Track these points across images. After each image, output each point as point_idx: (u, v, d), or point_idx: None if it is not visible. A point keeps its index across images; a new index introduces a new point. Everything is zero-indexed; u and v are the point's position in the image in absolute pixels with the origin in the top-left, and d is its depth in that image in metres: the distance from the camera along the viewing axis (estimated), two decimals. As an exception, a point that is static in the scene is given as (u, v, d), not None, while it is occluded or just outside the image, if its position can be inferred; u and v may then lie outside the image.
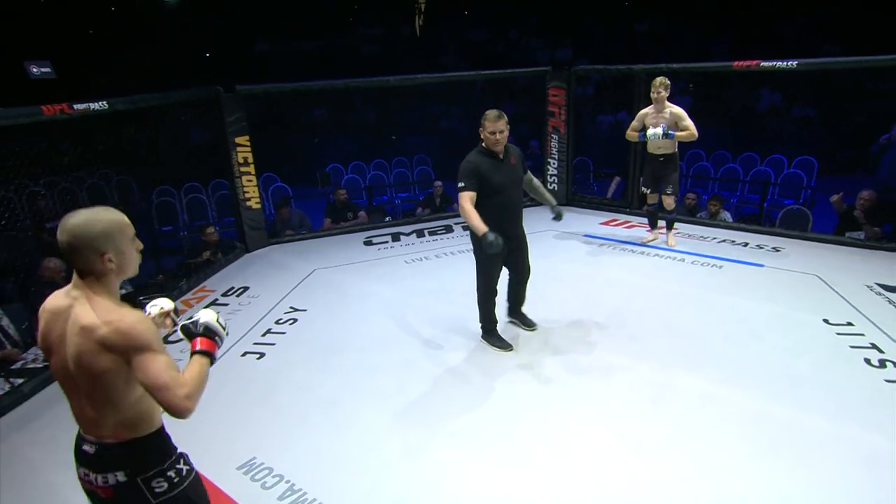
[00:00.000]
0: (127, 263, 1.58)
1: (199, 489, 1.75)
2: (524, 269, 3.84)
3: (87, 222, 1.50)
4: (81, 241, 1.48)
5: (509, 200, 3.52)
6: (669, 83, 5.04)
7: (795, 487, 2.50)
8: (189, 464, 1.71)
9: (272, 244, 6.24)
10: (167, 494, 1.62)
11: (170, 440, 1.70)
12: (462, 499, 2.53)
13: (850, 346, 3.62)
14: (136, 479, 1.58)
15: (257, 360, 3.84)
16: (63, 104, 3.66)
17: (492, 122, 3.37)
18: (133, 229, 1.62)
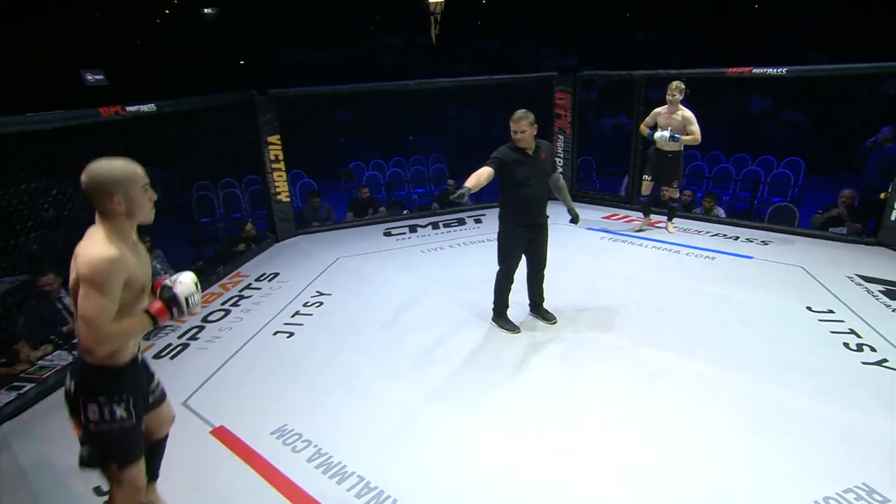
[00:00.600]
0: (136, 208, 1.65)
1: (126, 438, 1.74)
2: (541, 259, 3.79)
3: (103, 168, 1.60)
4: (96, 183, 1.59)
5: (533, 193, 3.51)
6: (684, 87, 5.04)
7: (777, 458, 2.51)
8: (129, 411, 1.72)
9: (300, 234, 6.30)
10: (95, 424, 1.68)
11: (123, 383, 1.71)
12: (474, 465, 2.58)
13: (831, 331, 3.60)
14: (80, 395, 1.68)
15: (287, 338, 3.91)
16: (117, 106, 3.74)
17: (515, 122, 3.40)
18: (146, 180, 1.68)
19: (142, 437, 1.83)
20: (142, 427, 1.83)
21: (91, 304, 1.51)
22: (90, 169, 1.59)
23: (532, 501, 2.34)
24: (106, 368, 1.68)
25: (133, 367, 1.75)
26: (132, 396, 1.73)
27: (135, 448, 1.79)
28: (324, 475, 2.54)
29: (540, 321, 3.94)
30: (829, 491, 2.30)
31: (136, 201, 1.64)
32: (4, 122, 3.16)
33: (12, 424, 3.08)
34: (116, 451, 1.74)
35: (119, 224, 1.63)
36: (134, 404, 1.73)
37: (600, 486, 2.41)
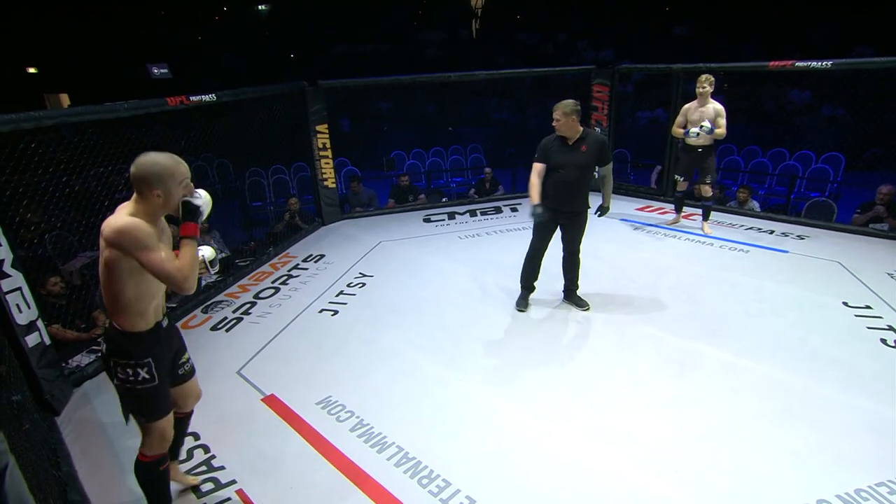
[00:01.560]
0: (172, 202, 1.74)
1: (153, 397, 1.86)
2: (571, 244, 3.74)
3: (150, 162, 1.69)
4: (142, 175, 1.68)
5: (565, 179, 3.49)
6: (714, 79, 4.82)
7: (807, 448, 2.44)
8: (152, 374, 1.83)
9: (345, 219, 6.40)
10: (124, 384, 1.82)
11: (145, 348, 1.81)
12: (506, 441, 2.60)
13: (868, 326, 3.44)
14: (110, 359, 1.81)
15: (331, 316, 3.99)
16: (182, 96, 3.85)
17: (554, 110, 3.45)
18: (187, 176, 1.77)
19: (167, 395, 1.95)
20: (167, 386, 1.94)
21: (156, 262, 1.63)
22: (139, 161, 1.69)
23: (560, 478, 2.34)
24: (130, 334, 1.78)
25: (156, 333, 1.85)
26: (154, 359, 1.83)
27: (160, 404, 1.92)
28: (365, 444, 2.61)
29: (573, 308, 3.90)
30: (861, 483, 2.22)
31: (174, 196, 1.74)
32: (82, 111, 3.31)
33: (92, 383, 3.28)
34: (144, 407, 1.88)
35: (151, 210, 1.72)
36: (157, 367, 1.84)
37: (628, 469, 2.39)
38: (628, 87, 10.45)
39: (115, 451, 2.65)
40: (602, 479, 2.33)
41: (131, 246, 1.62)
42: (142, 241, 1.63)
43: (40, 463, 2.18)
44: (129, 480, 2.44)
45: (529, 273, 3.86)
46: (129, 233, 1.62)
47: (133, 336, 1.79)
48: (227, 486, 2.38)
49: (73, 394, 3.15)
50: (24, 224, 3.75)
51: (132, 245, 1.62)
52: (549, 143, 3.52)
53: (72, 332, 3.67)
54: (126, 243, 1.62)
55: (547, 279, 4.01)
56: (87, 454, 2.64)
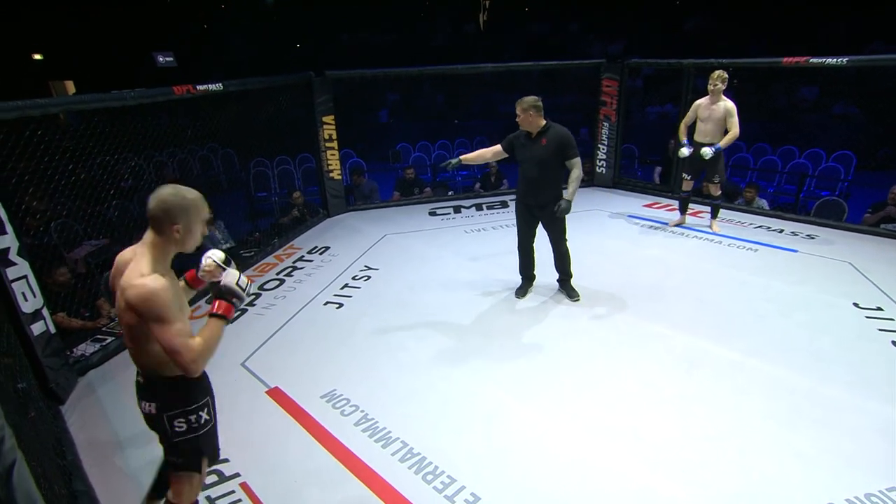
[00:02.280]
0: (191, 240, 1.61)
1: (212, 439, 1.77)
2: (552, 238, 3.81)
3: (174, 196, 1.56)
4: (164, 209, 1.54)
5: (527, 174, 3.63)
6: (727, 76, 4.73)
7: (816, 451, 2.42)
8: (211, 413, 1.72)
9: (350, 211, 6.38)
10: (183, 435, 1.67)
11: (200, 387, 1.69)
12: (511, 438, 2.59)
13: (879, 328, 3.40)
14: (163, 415, 1.65)
15: (336, 308, 3.99)
16: (189, 85, 3.83)
17: (516, 107, 3.54)
18: (208, 214, 1.65)
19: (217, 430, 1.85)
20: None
21: (168, 335, 1.49)
22: (160, 193, 1.56)
23: (565, 476, 2.34)
24: (180, 379, 1.63)
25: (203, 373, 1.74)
26: (210, 398, 1.75)
27: (216, 443, 1.83)
28: (370, 439, 2.60)
29: (565, 298, 3.96)
30: (871, 487, 2.20)
31: (193, 233, 1.61)
32: (88, 98, 3.30)
33: (97, 372, 3.29)
34: (207, 452, 1.78)
35: (167, 250, 1.60)
36: (212, 404, 1.76)
37: (634, 467, 2.38)
38: (637, 81, 10.36)
39: (120, 441, 2.66)
40: (608, 477, 2.32)
41: (149, 316, 1.48)
42: (161, 312, 1.48)
43: (45, 452, 2.19)
44: (134, 470, 2.46)
45: (522, 264, 4.00)
46: (152, 302, 1.47)
47: (184, 380, 1.63)
48: (231, 478, 2.38)
49: (78, 383, 3.16)
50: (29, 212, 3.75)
51: (151, 315, 1.48)
52: (517, 136, 3.67)
53: (77, 320, 3.68)
54: (146, 313, 1.48)
55: (552, 273, 4.00)
56: (91, 443, 2.65)
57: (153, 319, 1.48)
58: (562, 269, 3.94)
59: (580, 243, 4.98)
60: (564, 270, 3.93)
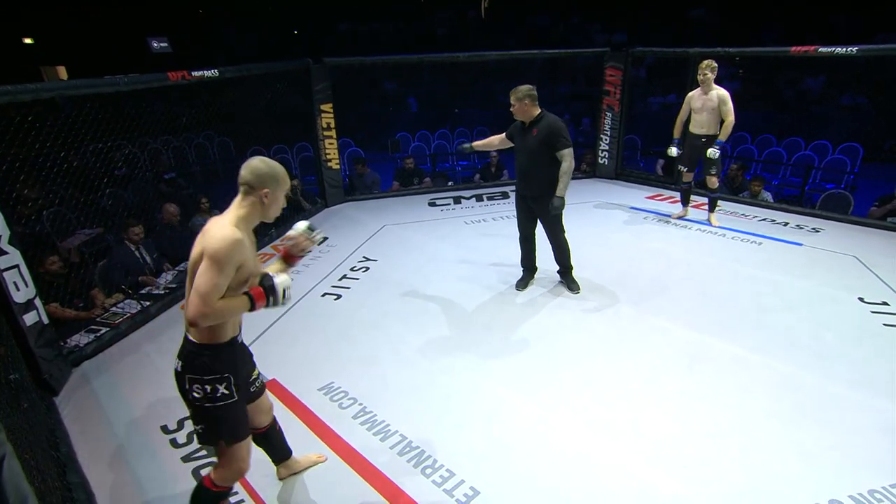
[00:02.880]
0: (274, 207, 1.75)
1: (231, 415, 1.76)
2: (546, 229, 3.80)
3: (266, 165, 1.73)
4: (256, 174, 1.70)
5: (520, 164, 3.66)
6: (716, 66, 4.70)
7: (819, 448, 2.41)
8: (231, 390, 1.73)
9: (348, 201, 6.35)
10: (198, 402, 1.72)
11: (225, 361, 1.73)
12: (512, 433, 2.58)
13: (884, 324, 3.39)
14: (185, 375, 1.72)
15: (334, 300, 3.97)
16: (184, 71, 3.78)
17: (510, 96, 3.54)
18: (289, 188, 1.81)
19: (246, 416, 1.86)
20: (245, 406, 1.85)
21: (207, 278, 1.56)
22: (253, 163, 1.71)
23: (565, 471, 2.33)
24: (207, 346, 1.70)
25: (233, 347, 1.78)
26: (233, 375, 1.75)
27: (240, 425, 1.82)
28: (368, 432, 2.60)
29: (566, 290, 3.96)
30: (874, 484, 2.20)
31: (277, 201, 1.76)
32: (80, 84, 3.25)
33: (91, 363, 3.27)
34: (223, 428, 1.78)
35: (253, 214, 1.72)
36: (236, 383, 1.76)
37: (635, 464, 2.37)
38: (641, 71, 10.27)
39: (115, 432, 2.65)
40: (608, 473, 2.32)
41: (207, 254, 1.56)
42: (222, 260, 1.56)
43: (38, 443, 2.17)
44: (130, 461, 2.45)
45: (522, 254, 4.01)
46: (222, 249, 1.56)
47: (212, 348, 1.71)
48: (228, 471, 2.37)
49: (72, 374, 3.15)
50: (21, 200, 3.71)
51: (208, 254, 1.56)
52: (515, 125, 3.68)
53: (70, 310, 3.66)
54: (208, 251, 1.56)
55: (554, 265, 3.99)
56: (86, 435, 2.64)
57: (210, 258, 1.57)
58: (561, 262, 3.92)
59: (581, 235, 4.96)
60: (563, 262, 3.91)
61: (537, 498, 2.20)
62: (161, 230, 4.76)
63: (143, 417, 2.75)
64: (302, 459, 2.36)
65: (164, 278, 4.33)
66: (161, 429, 2.66)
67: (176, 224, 4.91)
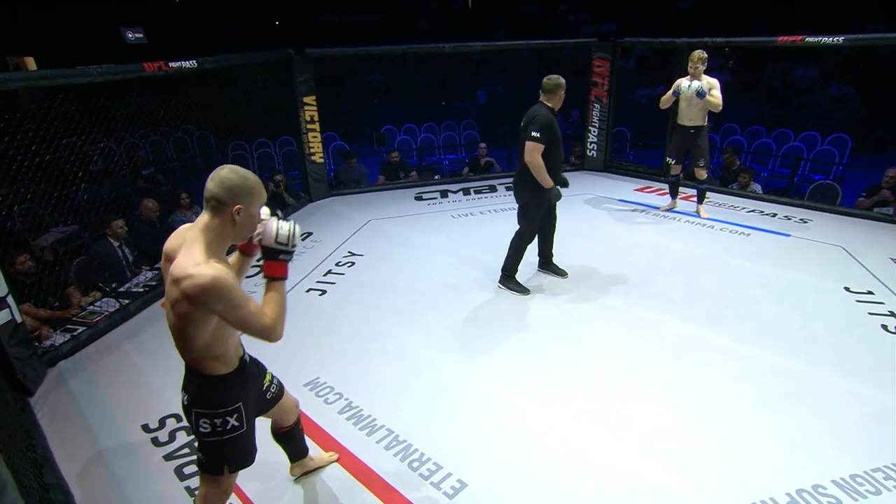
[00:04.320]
0: (249, 223, 1.57)
1: (241, 446, 1.72)
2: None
3: (237, 176, 1.51)
4: (225, 188, 1.49)
5: (560, 153, 3.67)
6: (706, 57, 4.76)
7: (805, 434, 2.48)
8: (241, 420, 1.68)
9: (333, 196, 6.34)
10: (208, 437, 1.66)
11: (233, 393, 1.67)
12: (500, 425, 2.62)
13: (869, 312, 3.49)
14: (192, 409, 1.65)
15: (319, 296, 3.97)
16: (160, 62, 3.75)
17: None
18: (265, 200, 1.61)
19: (254, 440, 1.82)
20: (254, 432, 1.81)
21: (239, 318, 1.49)
22: (221, 174, 1.51)
23: (555, 464, 2.37)
24: (216, 379, 1.62)
25: (242, 373, 1.72)
26: (243, 404, 1.70)
27: (247, 452, 1.78)
28: (354, 427, 2.62)
29: (553, 277, 4.03)
30: (857, 469, 2.27)
31: (251, 218, 1.56)
32: (52, 74, 3.21)
33: (67, 363, 3.25)
34: (229, 457, 1.74)
35: (223, 234, 1.53)
36: (246, 413, 1.70)
37: (625, 454, 2.42)
38: (629, 62, 10.36)
39: (94, 432, 2.64)
40: (597, 464, 2.36)
41: (219, 305, 1.46)
42: (228, 298, 1.45)
43: (13, 444, 2.16)
44: (109, 460, 2.45)
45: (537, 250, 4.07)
46: (216, 290, 1.43)
47: (220, 380, 1.63)
48: (211, 468, 2.38)
49: (48, 374, 3.12)
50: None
51: (220, 305, 1.46)
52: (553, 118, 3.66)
53: (44, 310, 3.62)
54: (214, 302, 1.45)
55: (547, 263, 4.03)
56: (63, 435, 2.62)
57: (224, 308, 1.46)
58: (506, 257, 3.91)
59: (570, 227, 5.01)
60: (507, 262, 3.91)
61: (525, 489, 2.24)
62: (139, 226, 4.73)
63: (123, 417, 2.75)
64: (316, 458, 2.37)
65: (143, 276, 4.30)
66: (142, 428, 2.65)
67: (155, 220, 4.88)
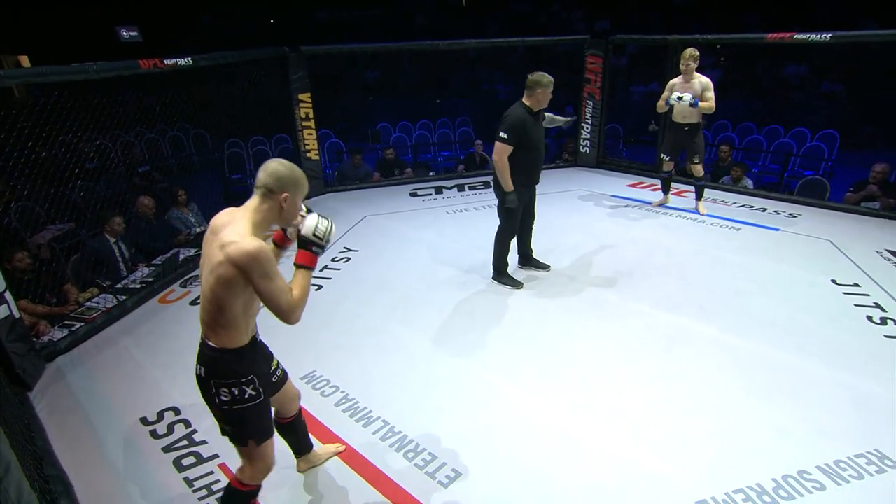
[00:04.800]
0: (291, 212, 1.71)
1: (258, 416, 1.79)
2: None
3: (287, 168, 1.68)
4: (276, 177, 1.65)
5: (540, 153, 3.69)
6: (698, 55, 4.78)
7: (791, 422, 2.53)
8: (258, 391, 1.76)
9: (328, 192, 6.36)
10: (227, 405, 1.74)
11: (248, 363, 1.76)
12: (494, 416, 2.65)
13: (855, 304, 3.54)
14: (210, 380, 1.72)
15: (316, 290, 3.99)
16: (156, 59, 3.76)
17: None
18: (307, 192, 1.77)
19: (270, 413, 1.90)
20: (269, 405, 1.89)
21: (272, 291, 1.61)
22: (272, 165, 1.67)
23: (548, 453, 2.41)
24: (230, 351, 1.71)
25: (254, 347, 1.81)
26: (257, 376, 1.78)
27: (266, 423, 1.86)
28: (350, 419, 2.65)
29: (535, 271, 4.07)
30: (840, 454, 2.32)
31: (296, 206, 1.72)
32: (47, 71, 3.21)
33: (65, 358, 3.26)
34: (253, 429, 1.80)
35: (267, 219, 1.69)
36: (261, 382, 1.79)
37: (616, 442, 2.46)
38: (622, 60, 10.39)
39: (93, 425, 2.66)
40: (589, 452, 2.40)
41: (256, 273, 1.58)
42: (267, 269, 1.59)
43: (13, 436, 2.18)
44: (108, 452, 2.47)
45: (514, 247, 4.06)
46: (259, 259, 1.56)
47: (234, 352, 1.72)
48: (210, 460, 2.41)
49: (46, 369, 3.14)
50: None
51: (258, 272, 1.58)
52: (529, 117, 3.61)
53: (42, 306, 3.63)
54: (254, 269, 1.57)
55: (548, 260, 4.06)
56: (62, 428, 2.64)
57: (260, 275, 1.58)
58: (494, 256, 3.97)
59: (563, 223, 5.06)
60: (494, 256, 3.95)
61: (519, 477, 2.28)
62: (136, 223, 4.73)
63: (122, 410, 2.77)
64: (321, 451, 2.39)
65: (141, 272, 4.31)
66: (140, 420, 2.68)
67: (151, 217, 4.88)
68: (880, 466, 2.27)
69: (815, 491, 2.16)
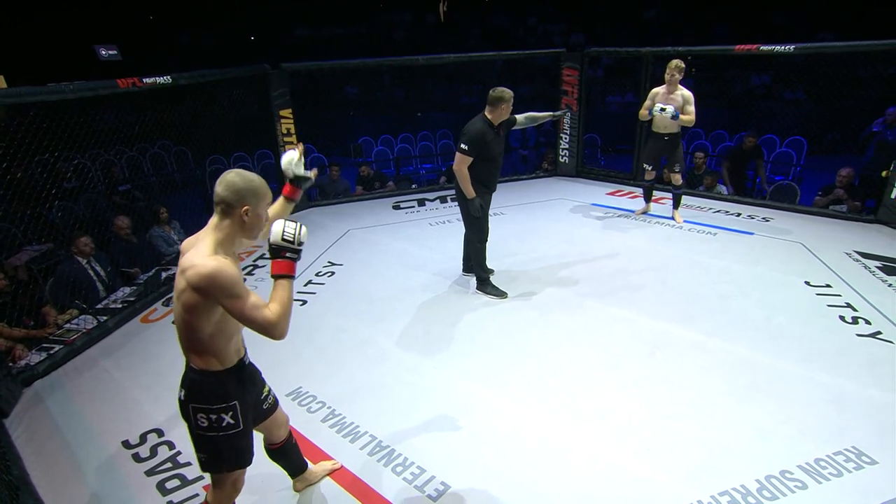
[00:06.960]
0: (256, 224, 1.62)
1: (237, 445, 1.72)
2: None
3: (243, 179, 1.58)
4: (233, 190, 1.56)
5: (498, 165, 3.78)
6: (684, 66, 4.85)
7: (771, 422, 2.56)
8: (237, 419, 1.68)
9: (311, 207, 6.31)
10: (205, 432, 1.67)
11: (232, 387, 1.68)
12: (481, 427, 2.63)
13: (828, 304, 3.61)
14: (189, 404, 1.65)
15: (301, 305, 3.94)
16: (135, 78, 3.71)
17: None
18: (270, 200, 1.68)
19: (251, 442, 1.81)
20: (251, 433, 1.81)
21: (242, 310, 1.52)
22: (229, 178, 1.57)
23: (536, 461, 2.40)
24: (211, 374, 1.64)
25: (239, 371, 1.73)
26: (239, 403, 1.70)
27: (243, 453, 1.78)
28: (338, 434, 2.60)
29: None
30: (820, 453, 2.35)
31: (259, 218, 1.62)
32: (24, 91, 3.15)
33: (43, 382, 3.16)
34: (225, 456, 1.73)
35: (232, 235, 1.60)
36: (242, 411, 1.70)
37: (602, 448, 2.46)
38: (598, 71, 10.56)
39: (73, 451, 2.57)
40: (575, 459, 2.40)
41: (219, 294, 1.50)
42: (230, 288, 1.50)
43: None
44: (89, 478, 2.39)
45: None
46: (218, 280, 1.48)
47: (216, 375, 1.65)
48: (195, 481, 2.34)
49: (24, 394, 3.03)
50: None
51: (221, 293, 1.50)
52: (489, 130, 3.65)
53: (19, 329, 3.52)
54: (215, 291, 1.50)
55: (531, 269, 4.07)
56: (40, 456, 2.55)
57: (224, 296, 1.51)
58: (474, 267, 3.99)
59: (545, 232, 5.09)
60: (475, 269, 3.98)
61: (507, 487, 2.26)
62: (116, 243, 4.63)
63: (102, 434, 2.68)
64: (317, 469, 2.33)
65: (121, 292, 4.21)
66: (122, 444, 2.59)
67: (129, 237, 4.78)
68: (858, 463, 2.29)
69: (797, 490, 2.18)
